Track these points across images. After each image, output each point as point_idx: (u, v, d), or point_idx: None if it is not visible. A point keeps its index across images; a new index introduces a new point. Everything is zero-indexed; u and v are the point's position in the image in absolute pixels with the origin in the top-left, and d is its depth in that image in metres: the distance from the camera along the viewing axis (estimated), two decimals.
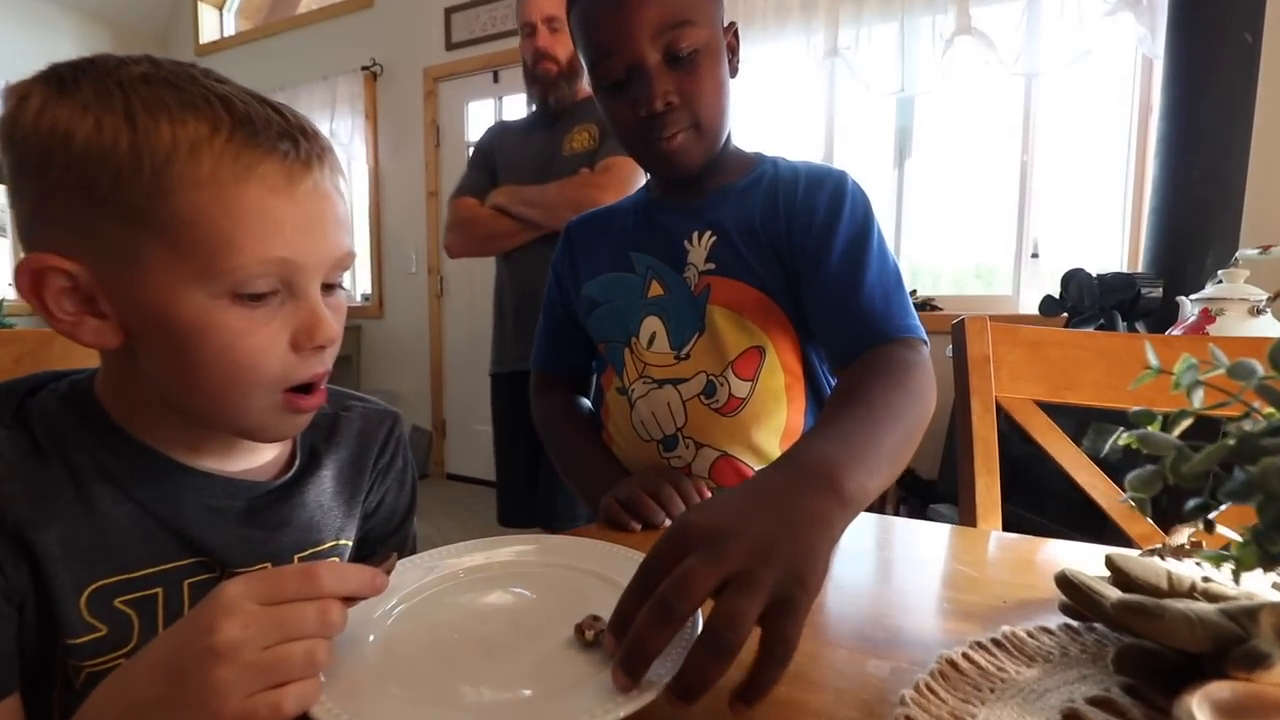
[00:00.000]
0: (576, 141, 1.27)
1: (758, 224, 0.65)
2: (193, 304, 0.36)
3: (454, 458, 3.30)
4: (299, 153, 0.38)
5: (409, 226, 3.31)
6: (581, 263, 0.75)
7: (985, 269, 2.48)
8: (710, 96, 0.61)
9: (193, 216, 0.35)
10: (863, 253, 0.61)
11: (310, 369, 0.40)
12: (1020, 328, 0.70)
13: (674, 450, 0.66)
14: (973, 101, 2.31)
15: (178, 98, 0.36)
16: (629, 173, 1.21)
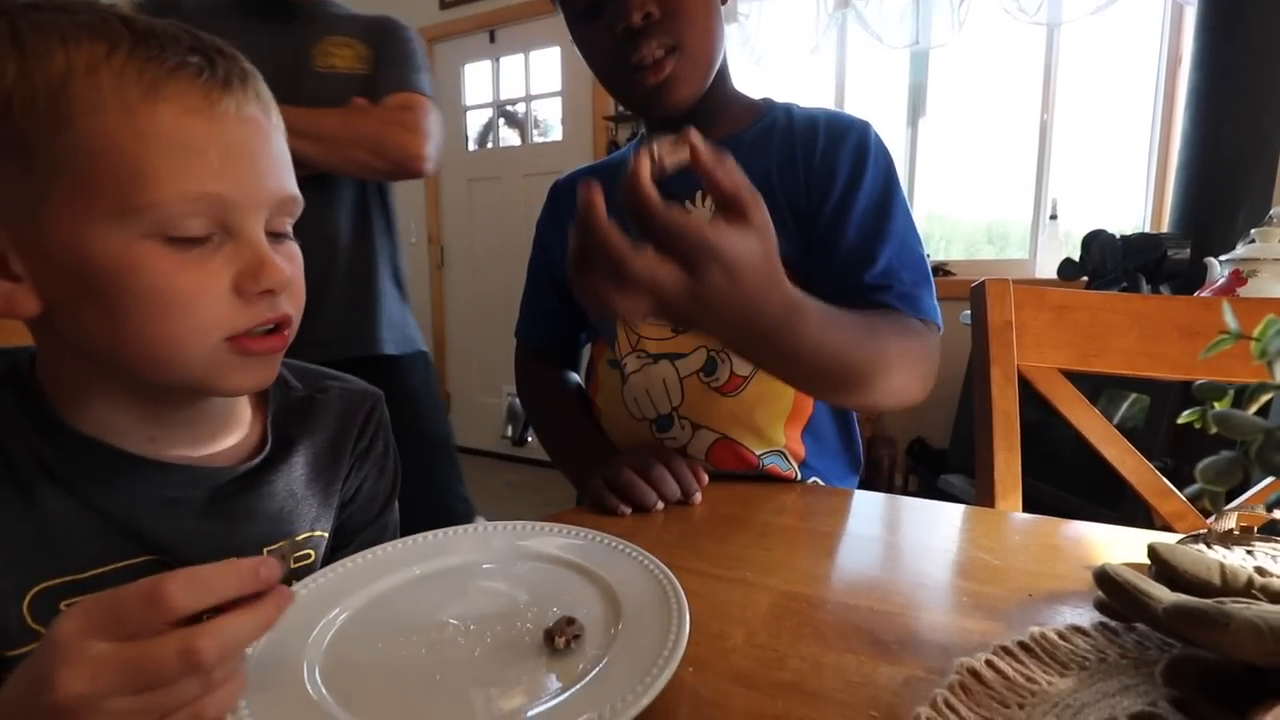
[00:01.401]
0: (337, 58, 1.01)
1: (775, 180, 0.59)
2: (110, 243, 0.32)
3: (458, 429, 3.27)
4: (215, 72, 0.34)
5: (408, 196, 3.23)
6: (568, 226, 0.69)
7: (998, 233, 2.41)
8: (695, 11, 0.55)
9: (98, 145, 0.31)
10: (886, 220, 0.57)
11: (258, 314, 0.36)
12: (1046, 290, 0.65)
13: (669, 431, 0.62)
14: (991, 55, 2.20)
15: (71, 20, 0.32)
16: (434, 119, 1.01)
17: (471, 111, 3.07)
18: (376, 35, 1.04)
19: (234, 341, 0.35)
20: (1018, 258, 2.21)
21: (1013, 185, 2.30)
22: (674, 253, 0.34)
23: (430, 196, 3.16)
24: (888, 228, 0.57)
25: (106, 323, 0.33)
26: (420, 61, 1.06)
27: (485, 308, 3.11)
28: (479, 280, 3.12)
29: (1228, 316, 0.26)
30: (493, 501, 2.59)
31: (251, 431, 0.44)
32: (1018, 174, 2.24)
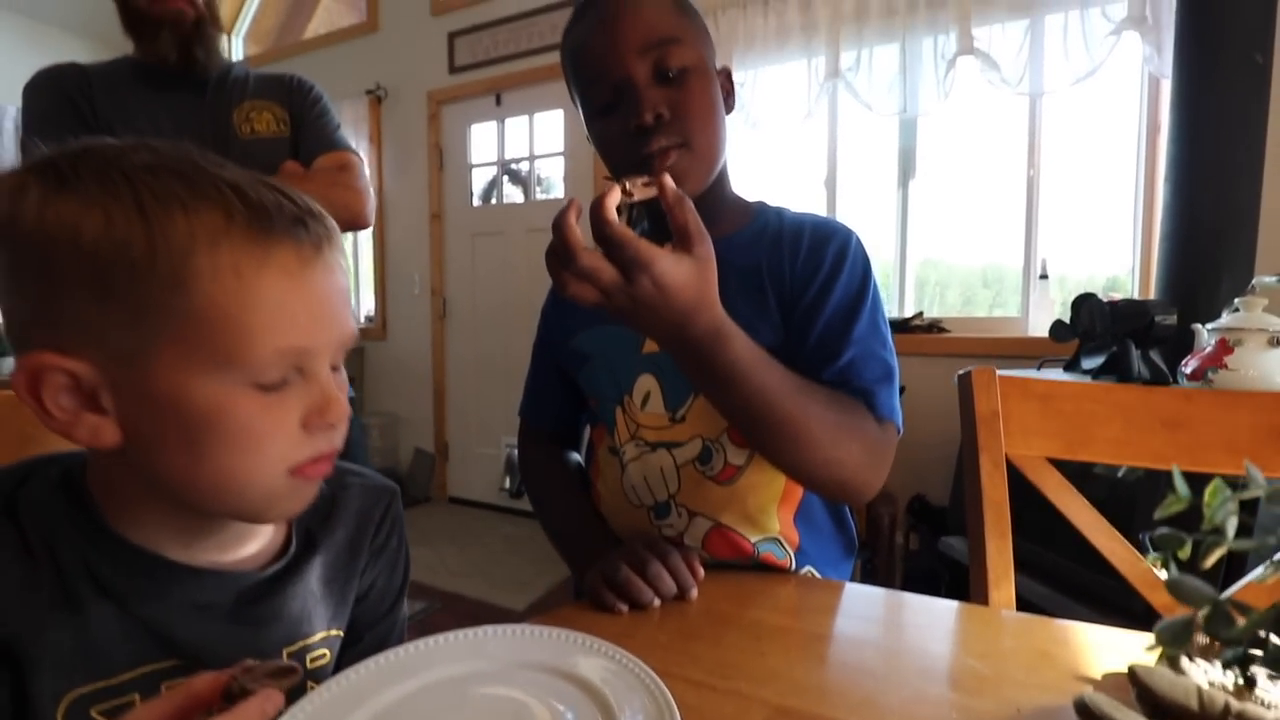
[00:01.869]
0: (259, 123, 1.03)
1: (764, 276, 0.62)
2: (205, 392, 0.34)
3: (456, 481, 3.27)
4: (310, 236, 0.37)
5: (412, 248, 3.31)
6: (572, 311, 0.72)
7: (993, 277, 2.46)
8: (701, 113, 0.59)
9: (209, 309, 0.34)
10: (854, 321, 0.59)
11: (319, 447, 0.39)
12: (1030, 380, 0.67)
13: (666, 518, 0.63)
14: (977, 121, 2.29)
15: (187, 187, 0.34)
16: (365, 172, 1.08)
17: (477, 169, 3.16)
18: (289, 96, 1.09)
19: (294, 471, 0.38)
20: (1011, 316, 2.25)
21: (1003, 245, 2.36)
22: (616, 260, 0.44)
23: (434, 249, 3.23)
24: (855, 328, 0.59)
25: (186, 458, 0.36)
26: (335, 119, 1.12)
27: (485, 359, 3.14)
28: (480, 332, 3.16)
29: (1177, 481, 0.28)
30: (490, 557, 2.56)
31: (276, 532, 0.45)
32: (1007, 236, 2.30)
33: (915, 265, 2.43)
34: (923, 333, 2.25)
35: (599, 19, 0.60)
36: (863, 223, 2.52)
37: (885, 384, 0.59)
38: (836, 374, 0.58)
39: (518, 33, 2.88)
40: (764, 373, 0.51)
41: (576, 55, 0.62)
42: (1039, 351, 2.00)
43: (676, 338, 0.48)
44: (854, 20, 2.23)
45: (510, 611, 2.10)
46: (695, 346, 0.48)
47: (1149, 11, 1.86)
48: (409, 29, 3.21)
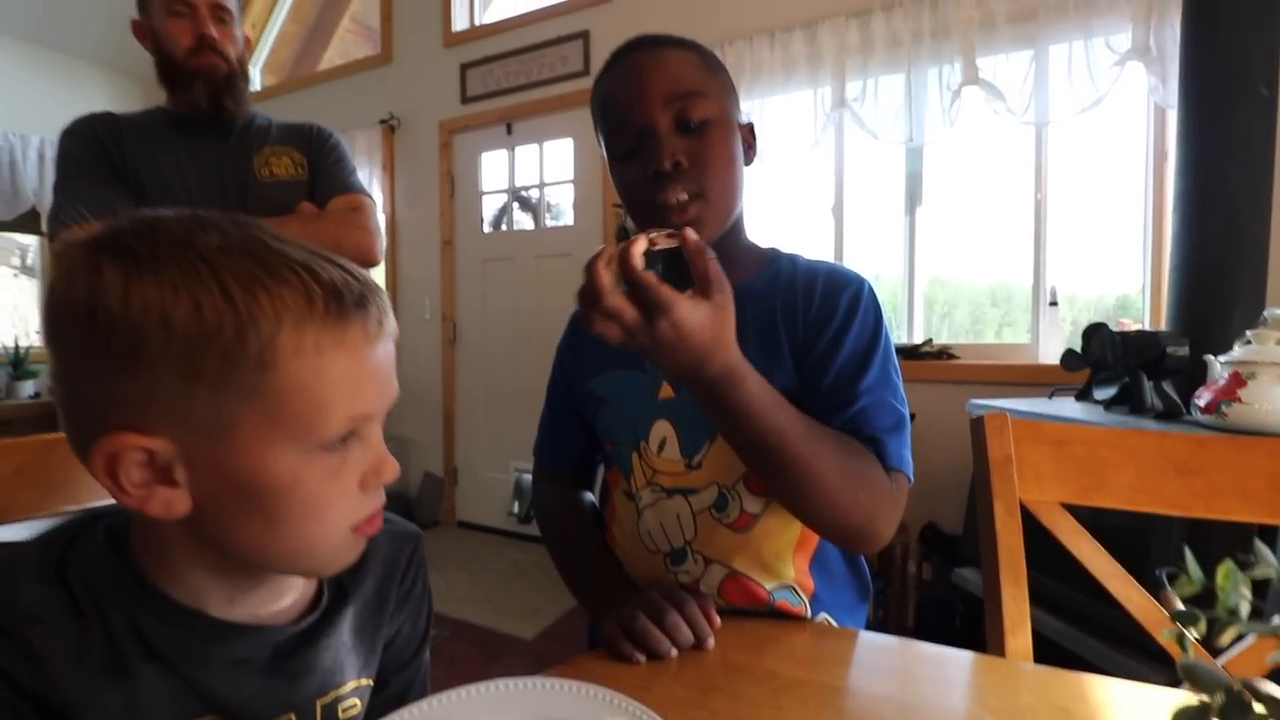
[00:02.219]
0: (277, 166, 1.10)
1: (779, 322, 0.63)
2: (282, 463, 0.36)
3: (465, 505, 3.27)
4: (375, 312, 0.39)
5: (424, 274, 3.35)
6: (590, 354, 0.73)
7: (1001, 295, 2.46)
8: (719, 164, 0.61)
9: (292, 386, 0.35)
10: (866, 369, 0.60)
11: (373, 503, 0.41)
12: (1043, 424, 0.67)
13: (682, 564, 0.64)
14: (983, 149, 2.31)
15: (264, 270, 0.36)
16: (379, 217, 1.14)
17: (487, 196, 3.21)
18: (308, 142, 1.16)
19: (355, 529, 0.41)
20: (1021, 343, 2.24)
21: (1012, 271, 2.37)
22: (639, 302, 0.48)
23: (445, 274, 3.26)
24: (866, 377, 0.60)
25: (260, 525, 0.37)
26: (351, 163, 1.19)
27: (494, 384, 3.16)
28: (489, 357, 3.18)
29: (1190, 565, 0.29)
30: (498, 583, 2.55)
31: (308, 584, 0.46)
32: (1015, 262, 2.31)
33: (923, 289, 2.44)
34: (932, 359, 2.25)
35: (628, 70, 0.63)
36: (870, 249, 2.54)
37: (896, 433, 0.59)
38: (847, 421, 0.59)
39: (528, 64, 2.94)
40: (777, 414, 0.53)
41: (605, 102, 0.65)
42: (1050, 379, 2.00)
43: (693, 378, 0.51)
44: (859, 51, 2.27)
45: (519, 640, 2.09)
46: (710, 386, 0.51)
47: (1153, 43, 1.88)
48: (422, 61, 3.28)
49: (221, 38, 1.07)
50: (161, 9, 1.05)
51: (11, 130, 3.33)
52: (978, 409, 1.72)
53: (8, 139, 3.31)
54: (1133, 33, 1.91)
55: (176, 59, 1.05)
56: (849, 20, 2.26)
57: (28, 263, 3.84)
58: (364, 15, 3.97)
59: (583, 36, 2.80)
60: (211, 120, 1.09)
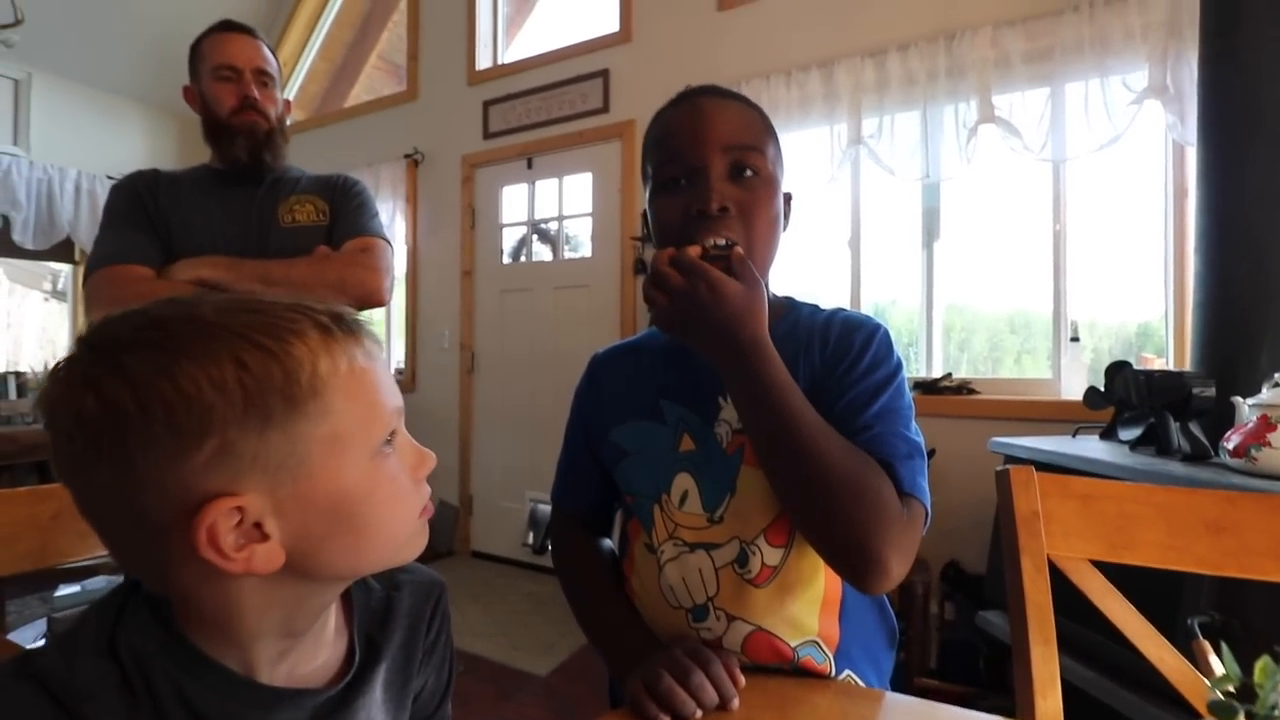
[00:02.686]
0: (300, 213, 1.17)
1: (799, 368, 0.64)
2: (357, 473, 0.40)
3: (480, 535, 3.26)
4: (366, 329, 0.43)
5: (443, 304, 3.40)
6: (609, 403, 0.73)
7: (1020, 323, 2.44)
8: (763, 220, 0.63)
9: (342, 402, 0.39)
10: (879, 398, 0.61)
11: (427, 491, 0.46)
12: (1071, 479, 0.67)
13: (704, 621, 0.63)
14: (1001, 185, 2.31)
15: (272, 316, 0.38)
16: (388, 255, 1.17)
17: (507, 228, 3.27)
18: (331, 191, 1.22)
19: (421, 513, 0.45)
20: (1042, 378, 2.22)
21: (1029, 300, 2.36)
22: (684, 273, 0.56)
23: (464, 305, 3.31)
24: (878, 406, 0.60)
25: (351, 540, 0.40)
26: (372, 209, 1.24)
27: (511, 414, 3.18)
28: (507, 386, 3.20)
29: (1227, 663, 0.28)
30: (513, 616, 2.53)
31: (338, 640, 0.47)
32: (1033, 290, 2.29)
33: (941, 321, 2.43)
34: (952, 394, 2.23)
35: (693, 109, 0.64)
36: (887, 281, 2.54)
37: (909, 460, 0.58)
38: (864, 444, 0.58)
39: (549, 101, 3.02)
40: (795, 397, 0.56)
41: (663, 133, 0.66)
42: (1072, 416, 1.97)
43: (725, 344, 0.55)
44: (875, 90, 2.30)
45: (533, 676, 2.07)
46: (739, 355, 0.55)
47: (1170, 81, 1.89)
48: (446, 98, 3.38)
49: (263, 99, 1.16)
50: (210, 74, 1.15)
51: (50, 163, 3.47)
52: (1000, 448, 1.70)
53: (46, 172, 3.44)
54: (1149, 72, 1.92)
55: (221, 118, 1.15)
56: (864, 60, 2.30)
57: (59, 287, 3.95)
58: (390, 53, 4.11)
59: (602, 75, 2.87)
60: (249, 172, 1.18)
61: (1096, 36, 1.98)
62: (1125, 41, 1.95)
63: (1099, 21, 1.98)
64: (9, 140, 3.41)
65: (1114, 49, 1.96)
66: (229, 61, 1.14)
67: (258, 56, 1.17)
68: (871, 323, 0.66)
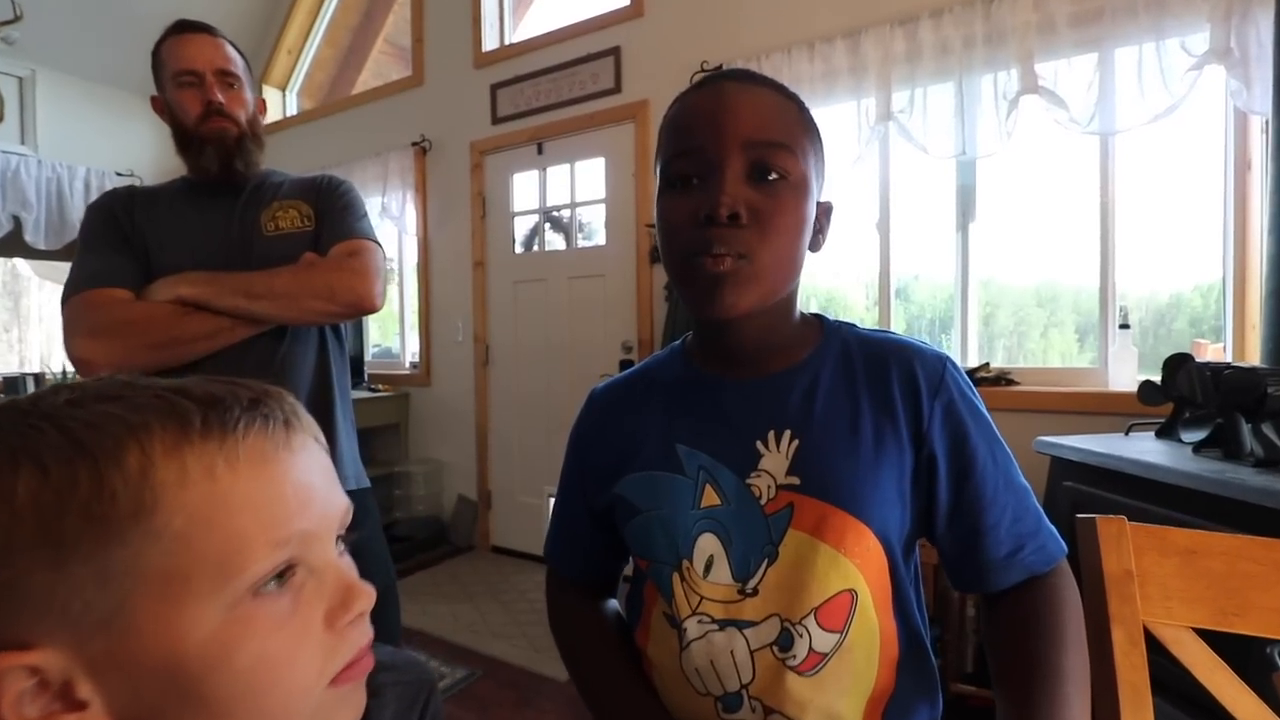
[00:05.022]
0: (284, 220, 1.09)
1: (864, 417, 0.54)
2: (205, 625, 0.29)
3: (499, 530, 3.22)
4: (275, 415, 0.33)
5: (456, 296, 3.32)
6: (614, 446, 0.62)
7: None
8: (781, 230, 0.52)
9: (187, 525, 0.29)
10: (991, 460, 0.53)
11: (353, 644, 0.34)
12: (1170, 531, 0.57)
13: (736, 712, 0.54)
14: (1043, 161, 2.16)
15: (125, 405, 0.29)
16: (378, 258, 1.08)
17: (519, 217, 3.17)
18: (315, 193, 1.13)
19: (335, 681, 0.33)
20: (1088, 367, 2.08)
21: (1077, 293, 2.22)
22: None
23: (477, 297, 3.23)
24: (993, 467, 0.53)
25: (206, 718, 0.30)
26: (359, 210, 1.15)
27: (528, 406, 3.11)
28: (522, 379, 3.13)
29: None
30: (534, 614, 2.49)
31: None
32: (1082, 280, 2.15)
33: (978, 309, 2.29)
34: (990, 385, 2.11)
35: (715, 95, 0.54)
36: (920, 268, 2.41)
37: (1052, 537, 0.55)
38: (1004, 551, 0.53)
39: (559, 83, 2.89)
40: None
41: (677, 120, 0.56)
42: (1122, 409, 1.84)
43: None
44: (905, 61, 2.14)
45: (554, 681, 2.02)
46: None
47: (1234, 43, 1.72)
48: (453, 82, 3.27)
49: (229, 102, 1.07)
50: (171, 81, 1.07)
51: (59, 161, 3.43)
52: (1046, 448, 1.59)
53: (55, 170, 3.41)
54: (1210, 33, 1.75)
55: (188, 127, 1.07)
56: (894, 28, 2.14)
57: None
58: (397, 36, 3.99)
59: (614, 53, 2.74)
60: (223, 183, 1.10)
61: None
62: (1184, 0, 1.78)
63: None
64: (16, 140, 3.38)
65: (1171, 8, 1.79)
66: (188, 66, 1.05)
67: (219, 56, 1.07)
68: (933, 357, 0.56)
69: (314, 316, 1.03)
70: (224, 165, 1.07)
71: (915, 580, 0.56)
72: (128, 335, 0.94)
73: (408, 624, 2.40)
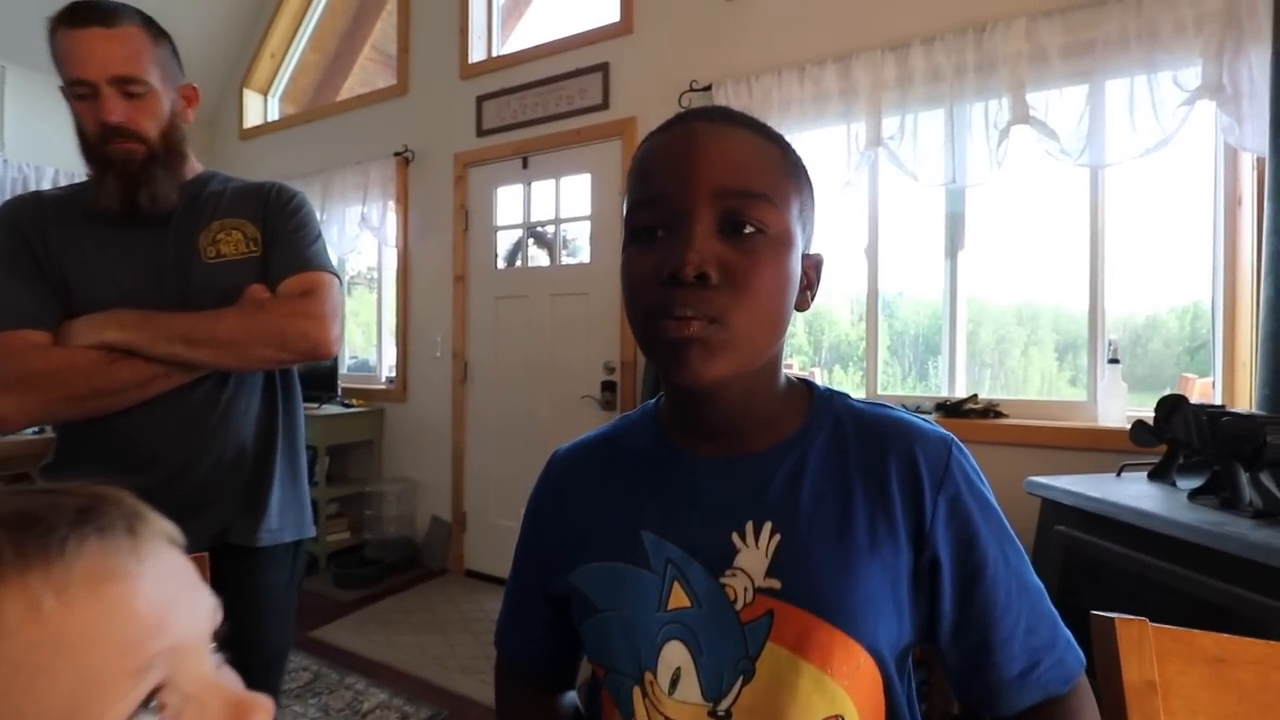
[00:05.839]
0: (226, 244, 0.93)
1: (857, 510, 0.47)
2: None
3: (474, 553, 3.12)
4: (115, 522, 0.28)
5: (435, 310, 3.24)
6: (573, 524, 0.55)
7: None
8: (758, 292, 0.45)
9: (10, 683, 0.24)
10: (1003, 562, 0.47)
11: None
12: (1197, 635, 0.50)
13: None
14: (1033, 191, 2.13)
15: None
16: (339, 297, 0.95)
17: (502, 231, 3.10)
18: (263, 208, 0.98)
19: None
20: (1077, 400, 2.05)
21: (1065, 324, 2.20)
22: None
23: (457, 312, 3.15)
24: (1010, 585, 0.47)
25: None
26: (313, 232, 1.00)
27: (506, 426, 3.03)
28: (501, 397, 3.05)
29: None
30: None
31: None
32: (1070, 311, 2.13)
33: (964, 337, 2.25)
34: (978, 418, 2.06)
35: (686, 137, 0.47)
36: (905, 284, 2.39)
37: (1071, 649, 0.49)
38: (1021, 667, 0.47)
39: (545, 97, 2.84)
40: None
41: (644, 164, 0.49)
42: (1112, 445, 1.81)
43: None
44: (896, 87, 2.11)
45: None
46: None
47: (1227, 80, 1.70)
48: (438, 92, 3.20)
49: (132, 117, 0.87)
50: (68, 90, 0.87)
51: (26, 161, 3.31)
52: (1038, 489, 1.54)
53: (22, 170, 3.29)
54: (1203, 68, 1.74)
55: (90, 141, 0.88)
56: (885, 54, 2.11)
57: None
58: (385, 44, 3.92)
59: (602, 69, 2.69)
60: (128, 218, 0.90)
61: (1144, 28, 1.79)
62: (1176, 34, 1.76)
63: (1146, 12, 1.79)
64: None
65: (1163, 42, 1.77)
66: (78, 74, 0.85)
67: (114, 59, 0.84)
68: (937, 440, 0.49)
69: (260, 364, 0.91)
70: (126, 199, 0.88)
71: (910, 693, 0.49)
72: (45, 388, 0.80)
73: (372, 656, 2.30)
